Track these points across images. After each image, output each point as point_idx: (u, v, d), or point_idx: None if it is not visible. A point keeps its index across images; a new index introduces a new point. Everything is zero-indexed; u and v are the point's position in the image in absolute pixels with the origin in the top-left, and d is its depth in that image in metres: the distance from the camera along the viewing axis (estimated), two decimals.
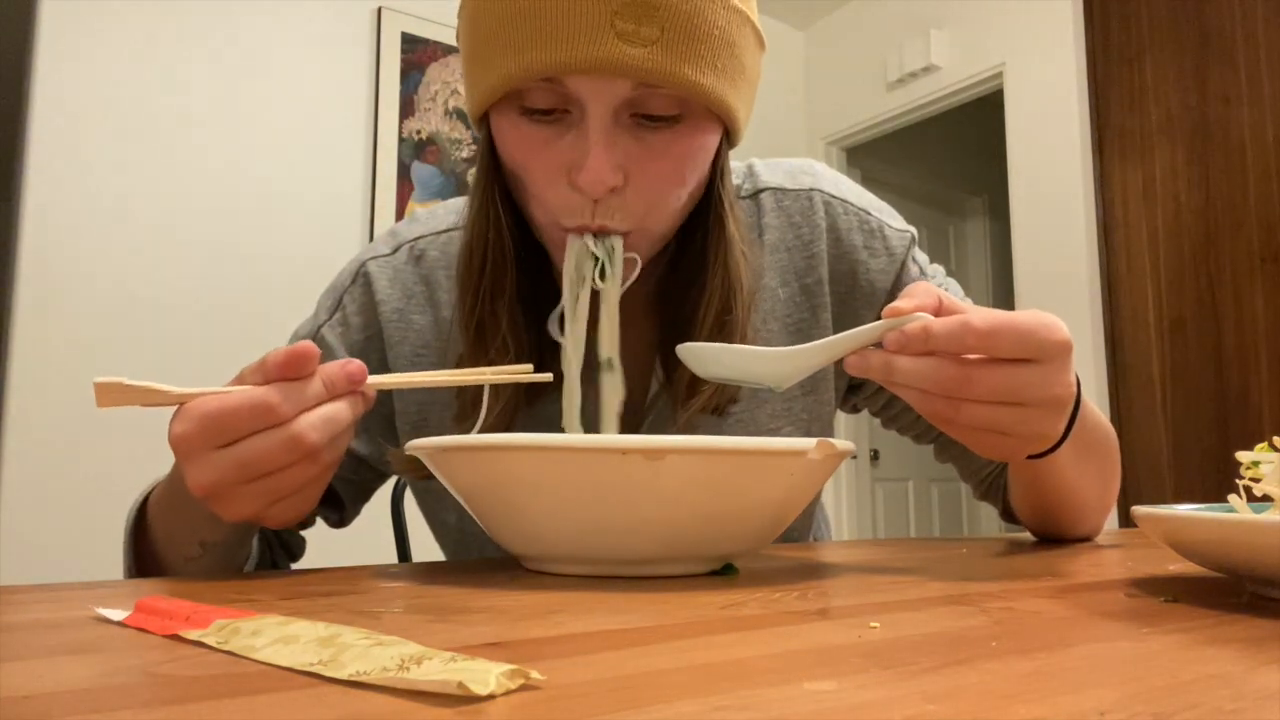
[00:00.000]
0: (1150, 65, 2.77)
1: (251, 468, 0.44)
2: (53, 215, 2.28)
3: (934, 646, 0.28)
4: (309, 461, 0.45)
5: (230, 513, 0.46)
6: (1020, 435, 0.47)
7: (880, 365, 0.46)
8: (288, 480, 0.45)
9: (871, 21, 3.64)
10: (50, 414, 2.22)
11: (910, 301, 0.46)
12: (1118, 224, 2.83)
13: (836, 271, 0.71)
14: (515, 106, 0.56)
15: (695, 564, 0.47)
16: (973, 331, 0.43)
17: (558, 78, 0.53)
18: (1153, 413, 2.70)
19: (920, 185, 4.21)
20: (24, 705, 0.21)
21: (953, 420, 0.46)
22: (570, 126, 0.55)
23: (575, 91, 0.53)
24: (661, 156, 0.56)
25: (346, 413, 0.46)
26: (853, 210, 0.72)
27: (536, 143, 0.56)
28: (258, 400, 0.43)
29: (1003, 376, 0.44)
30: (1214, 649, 0.28)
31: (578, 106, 0.54)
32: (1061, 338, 0.45)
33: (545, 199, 0.57)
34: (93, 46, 2.36)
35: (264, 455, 0.43)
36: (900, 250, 0.72)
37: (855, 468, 3.77)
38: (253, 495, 0.45)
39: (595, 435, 0.41)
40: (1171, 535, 0.40)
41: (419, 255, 0.70)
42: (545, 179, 0.56)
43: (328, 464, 0.47)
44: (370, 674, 0.23)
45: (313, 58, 2.69)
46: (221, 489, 0.44)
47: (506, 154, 0.58)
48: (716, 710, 0.21)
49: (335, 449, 0.47)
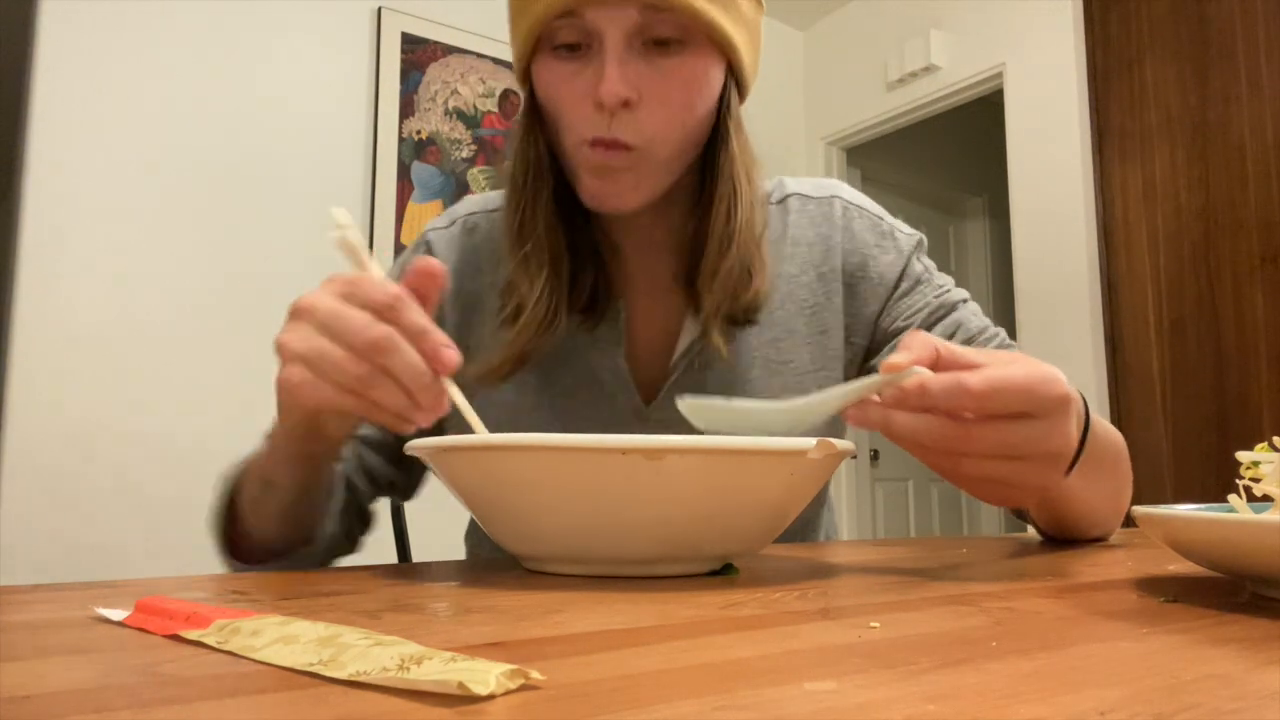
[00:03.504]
0: (1150, 65, 2.77)
1: (339, 318, 0.45)
2: (53, 215, 2.28)
3: (934, 646, 0.28)
4: (360, 359, 0.45)
5: (288, 336, 0.47)
6: (1021, 486, 0.47)
7: (879, 419, 0.46)
8: (338, 357, 0.45)
9: (871, 21, 3.64)
10: (50, 414, 2.22)
11: (906, 356, 0.45)
12: (1118, 224, 2.83)
13: (849, 263, 0.78)
14: (547, 50, 0.67)
15: (695, 564, 0.47)
16: (969, 393, 0.43)
17: (577, 10, 0.63)
18: (1153, 413, 2.70)
19: (920, 185, 4.21)
20: (24, 705, 0.21)
21: (953, 473, 0.47)
22: (592, 59, 0.65)
23: (592, 21, 0.64)
24: (669, 77, 0.66)
25: (420, 371, 0.45)
26: (868, 215, 0.81)
27: (565, 75, 0.66)
28: (378, 278, 0.47)
29: (1000, 433, 0.44)
30: (1214, 649, 0.28)
31: (596, 38, 0.64)
32: (1059, 393, 0.44)
33: (571, 120, 0.66)
34: (92, 47, 2.36)
35: (354, 318, 0.45)
36: (908, 248, 0.79)
37: (855, 468, 3.77)
38: (311, 340, 0.46)
39: (595, 435, 0.41)
40: (1171, 535, 0.40)
41: (471, 228, 0.80)
42: (572, 102, 0.66)
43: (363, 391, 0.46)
44: (370, 674, 0.23)
45: (313, 58, 2.69)
46: (307, 314, 0.46)
47: (543, 94, 0.68)
48: (716, 710, 0.21)
49: (390, 396, 0.46)
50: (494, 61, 3.00)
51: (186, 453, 2.36)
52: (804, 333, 0.77)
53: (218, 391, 2.41)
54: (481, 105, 2.97)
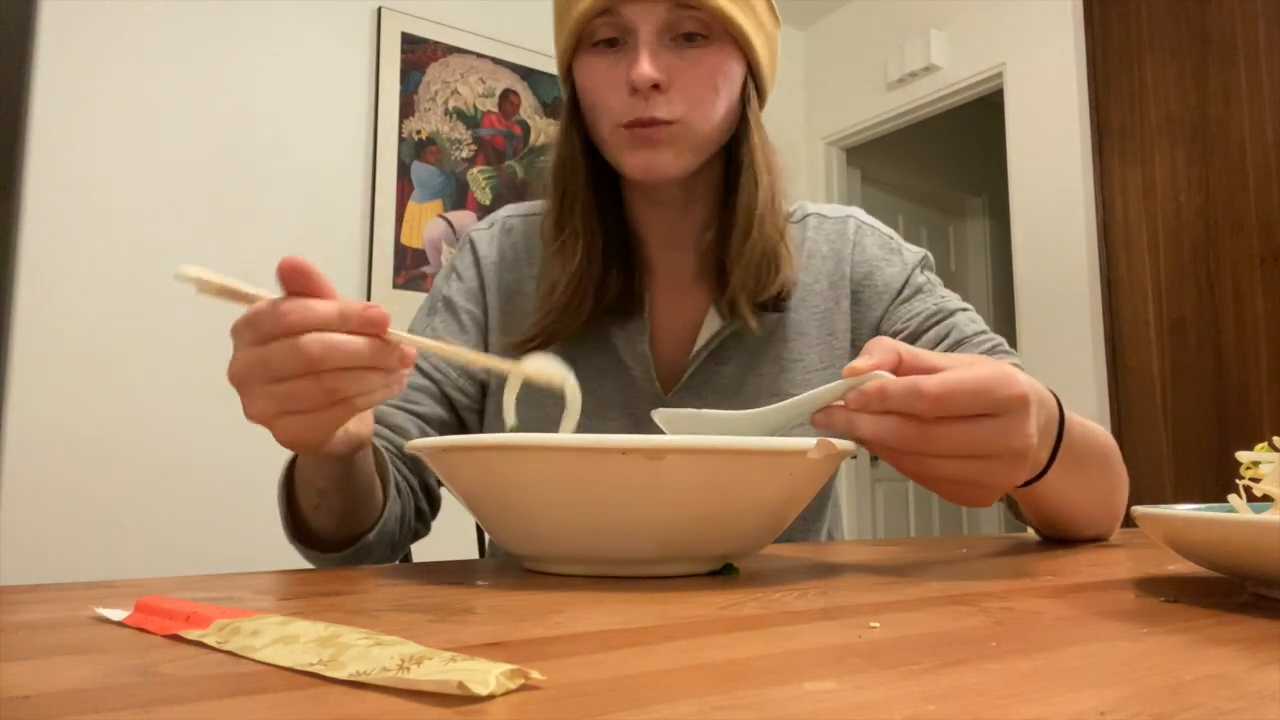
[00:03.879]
0: (1150, 65, 2.77)
1: (266, 365, 0.47)
2: (53, 215, 2.28)
3: (934, 646, 0.28)
4: (313, 379, 0.46)
5: (249, 408, 0.49)
6: (986, 486, 0.48)
7: (844, 422, 0.47)
8: (295, 392, 0.47)
9: (871, 21, 3.64)
10: (50, 414, 2.22)
11: (868, 360, 0.47)
12: (1118, 224, 2.83)
13: (857, 272, 0.85)
14: (586, 47, 0.76)
15: (695, 564, 0.47)
16: (924, 396, 0.44)
17: (613, 7, 0.72)
18: (1153, 413, 2.70)
19: (920, 185, 4.21)
20: (24, 705, 0.21)
21: (918, 474, 0.48)
22: (627, 53, 0.74)
23: (627, 17, 0.73)
24: (695, 66, 0.74)
25: (363, 349, 0.47)
26: (879, 233, 0.88)
27: (603, 68, 0.75)
28: (271, 305, 0.47)
29: (960, 433, 0.45)
30: (1214, 649, 0.28)
31: (630, 33, 0.73)
32: (1016, 392, 0.46)
33: (608, 105, 0.74)
34: (93, 48, 2.36)
35: (275, 356, 0.46)
36: (912, 261, 0.86)
37: (855, 468, 3.77)
38: (265, 396, 0.48)
39: (595, 435, 0.41)
40: (1171, 535, 0.40)
41: (509, 229, 0.89)
42: (609, 89, 0.74)
43: (340, 399, 0.48)
44: (370, 674, 0.23)
45: (313, 58, 2.69)
46: (243, 381, 0.48)
47: (583, 86, 0.76)
48: (716, 710, 0.21)
49: (355, 385, 0.47)
50: (494, 61, 3.00)
51: (186, 453, 2.36)
52: (814, 335, 0.83)
53: (218, 392, 2.40)
54: (481, 105, 2.97)
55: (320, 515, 0.64)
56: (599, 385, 0.80)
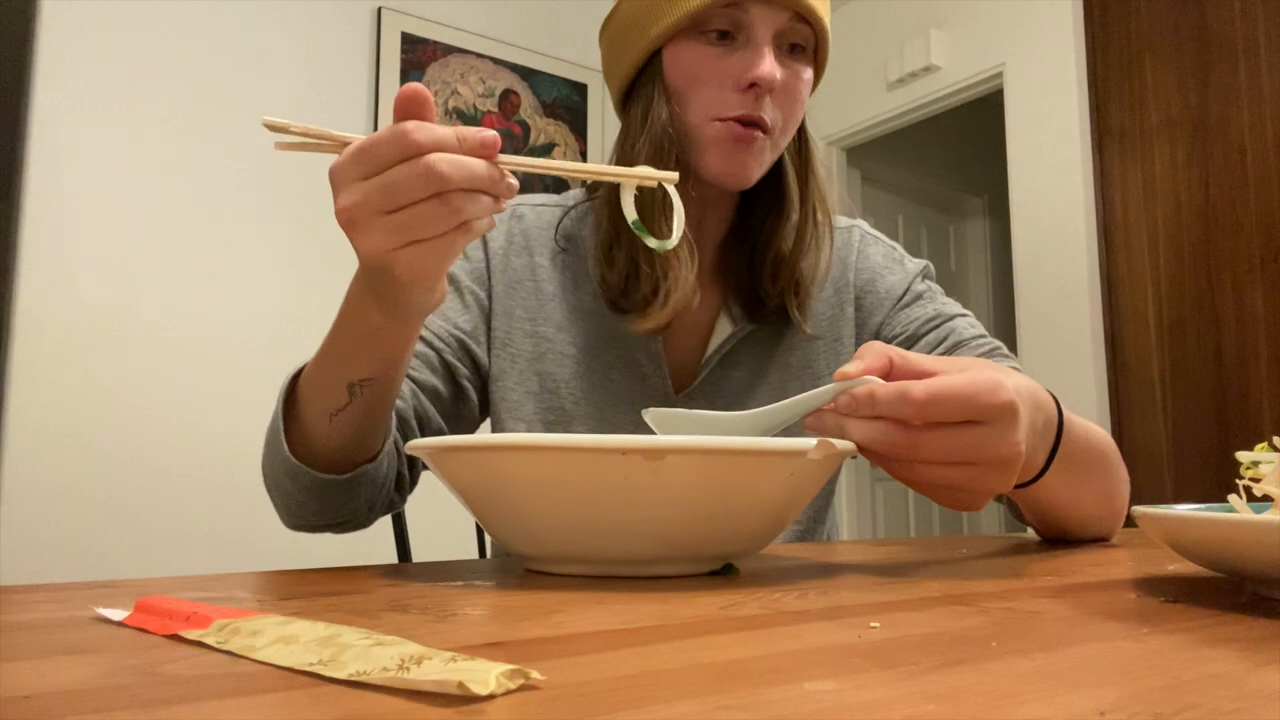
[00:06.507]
0: (1150, 65, 2.77)
1: (389, 193, 0.46)
2: (53, 215, 2.28)
3: (934, 646, 0.28)
4: (440, 201, 0.46)
5: (366, 244, 0.48)
6: (976, 491, 0.48)
7: (834, 427, 0.48)
8: (422, 217, 0.47)
9: (871, 21, 3.64)
10: (50, 414, 2.22)
11: (858, 365, 0.48)
12: (1118, 224, 2.83)
13: (860, 280, 0.88)
14: (694, 35, 0.75)
15: (695, 564, 0.47)
16: (911, 401, 0.45)
17: (741, 2, 0.73)
18: (1153, 413, 2.70)
19: (920, 185, 4.21)
20: (24, 705, 0.21)
21: (907, 478, 0.49)
22: (738, 49, 0.74)
23: (751, 16, 0.73)
24: (796, 78, 0.77)
25: (483, 171, 0.47)
26: (882, 243, 0.91)
27: (712, 58, 0.74)
28: (395, 129, 0.46)
29: (948, 439, 0.46)
30: (1214, 649, 0.28)
31: (746, 32, 0.74)
32: (1003, 400, 0.46)
33: (713, 96, 0.74)
34: (92, 47, 2.36)
35: (400, 181, 0.46)
36: (914, 270, 0.88)
37: (855, 468, 3.77)
38: (389, 227, 0.47)
39: (595, 436, 0.41)
40: (1171, 535, 0.40)
41: (519, 216, 0.88)
42: (719, 80, 0.74)
43: (465, 221, 0.48)
44: (370, 674, 0.23)
45: (313, 58, 2.69)
46: (362, 214, 0.47)
47: (685, 73, 0.75)
48: (716, 710, 0.21)
49: (476, 207, 0.48)
50: (494, 61, 3.00)
51: (187, 453, 2.36)
52: (821, 340, 0.86)
53: (218, 392, 2.41)
54: (481, 105, 2.97)
55: (337, 425, 0.61)
56: (609, 379, 0.81)
